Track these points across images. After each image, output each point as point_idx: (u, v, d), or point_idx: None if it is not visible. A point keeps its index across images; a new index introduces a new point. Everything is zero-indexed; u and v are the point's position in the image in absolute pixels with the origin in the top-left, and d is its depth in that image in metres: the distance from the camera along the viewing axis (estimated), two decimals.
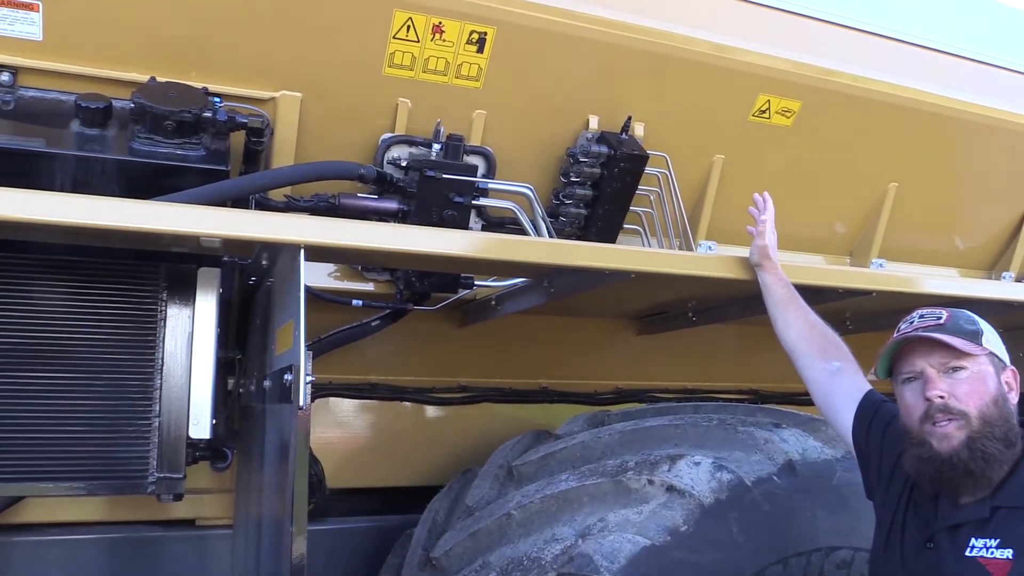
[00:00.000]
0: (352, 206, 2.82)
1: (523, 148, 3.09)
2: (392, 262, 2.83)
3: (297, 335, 1.98)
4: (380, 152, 2.86)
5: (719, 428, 2.76)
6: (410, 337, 3.32)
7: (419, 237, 2.25)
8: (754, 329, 3.37)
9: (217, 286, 2.55)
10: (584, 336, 3.65)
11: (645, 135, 3.16)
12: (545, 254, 2.40)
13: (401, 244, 2.20)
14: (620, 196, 3.13)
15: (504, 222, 3.11)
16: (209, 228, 2.05)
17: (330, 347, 3.08)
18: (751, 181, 3.37)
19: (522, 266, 2.52)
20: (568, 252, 2.42)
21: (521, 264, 2.43)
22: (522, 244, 2.48)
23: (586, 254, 2.42)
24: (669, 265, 2.52)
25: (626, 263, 2.44)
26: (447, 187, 2.82)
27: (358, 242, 2.15)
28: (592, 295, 2.67)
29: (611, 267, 2.42)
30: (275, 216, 2.27)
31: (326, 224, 2.19)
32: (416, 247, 2.21)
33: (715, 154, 3.36)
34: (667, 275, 2.52)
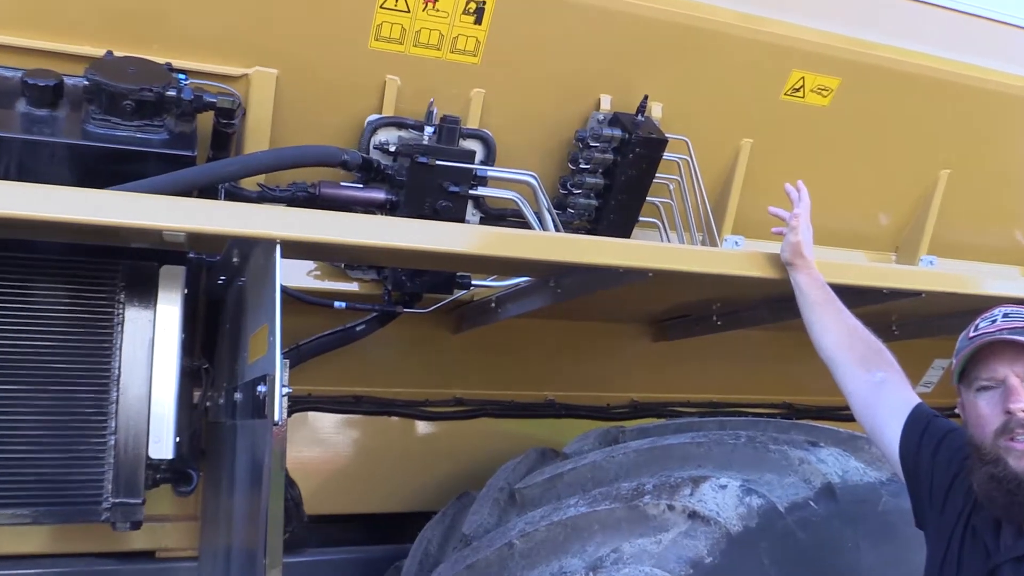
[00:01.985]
0: (334, 196, 2.81)
1: (526, 131, 3.08)
2: (379, 259, 2.82)
3: (272, 341, 1.98)
4: (366, 136, 2.86)
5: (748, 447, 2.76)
6: (399, 344, 3.32)
7: (409, 231, 2.25)
8: (787, 335, 3.36)
9: (182, 286, 2.54)
10: (595, 343, 3.66)
11: (663, 117, 3.15)
12: (551, 250, 2.40)
13: (389, 239, 2.19)
14: (635, 185, 3.13)
15: (505, 214, 3.11)
16: (173, 221, 2.04)
17: (309, 355, 3.09)
18: (783, 168, 3.37)
19: (525, 264, 2.51)
20: (577, 248, 2.42)
21: (524, 261, 2.43)
22: (525, 239, 2.47)
23: (597, 250, 2.42)
24: (691, 263, 2.51)
25: (642, 260, 2.43)
26: (441, 175, 2.82)
27: (341, 236, 2.14)
28: (604, 297, 2.66)
29: (625, 265, 2.41)
30: (247, 207, 2.26)
31: (305, 216, 2.18)
32: (406, 242, 2.21)
33: (742, 138, 3.36)
34: (689, 274, 2.51)
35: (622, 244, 2.56)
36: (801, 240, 2.52)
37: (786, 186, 2.60)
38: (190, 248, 2.51)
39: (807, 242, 2.53)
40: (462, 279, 3.05)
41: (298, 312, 2.89)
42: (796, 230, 2.53)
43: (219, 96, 2.58)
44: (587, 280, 2.59)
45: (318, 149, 2.74)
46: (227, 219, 2.08)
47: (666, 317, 3.64)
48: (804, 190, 2.59)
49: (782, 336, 3.54)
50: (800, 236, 2.52)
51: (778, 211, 2.59)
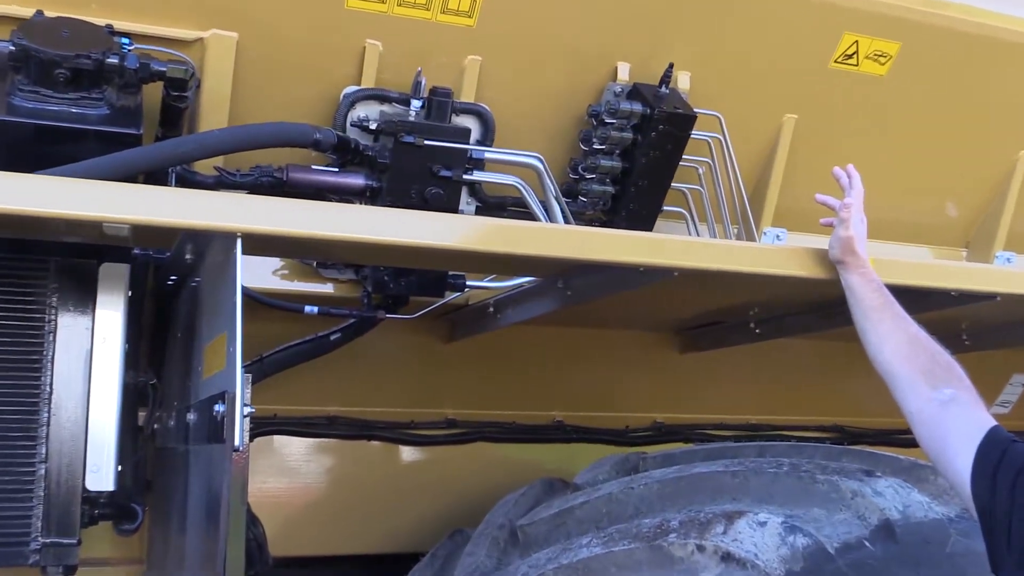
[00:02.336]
0: (305, 182, 2.82)
1: (530, 106, 3.08)
2: (358, 256, 2.82)
3: (232, 352, 1.97)
4: (342, 111, 2.86)
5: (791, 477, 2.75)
6: (381, 355, 3.33)
7: (393, 223, 2.25)
8: (837, 346, 3.35)
9: (125, 288, 2.54)
10: (611, 354, 3.66)
11: (692, 88, 3.15)
12: (559, 245, 2.40)
13: (369, 232, 2.19)
14: (659, 169, 3.12)
15: (505, 203, 3.11)
16: (115, 211, 2.02)
17: (276, 368, 3.09)
18: (832, 149, 3.36)
19: (529, 261, 2.51)
20: (590, 242, 2.42)
21: (528, 258, 2.42)
22: (529, 232, 2.47)
23: (614, 245, 2.41)
24: (724, 260, 2.51)
25: (667, 257, 2.43)
26: (430, 157, 2.82)
27: (312, 229, 2.14)
28: (622, 300, 2.66)
29: (647, 262, 2.41)
30: (203, 195, 2.25)
31: (270, 205, 2.18)
32: (389, 236, 2.20)
33: (784, 113, 3.36)
34: (722, 273, 2.51)
35: (643, 238, 2.56)
36: (853, 234, 2.51)
37: (835, 170, 2.60)
38: (135, 243, 2.50)
39: (860, 236, 2.52)
40: (455, 279, 3.05)
41: (262, 318, 2.88)
42: (847, 222, 2.51)
43: (169, 64, 2.58)
44: (602, 280, 2.58)
45: (286, 127, 2.73)
46: (178, 208, 2.07)
47: (695, 324, 3.63)
48: (856, 175, 2.58)
49: (832, 347, 3.54)
50: (852, 229, 2.51)
51: (826, 199, 2.58)
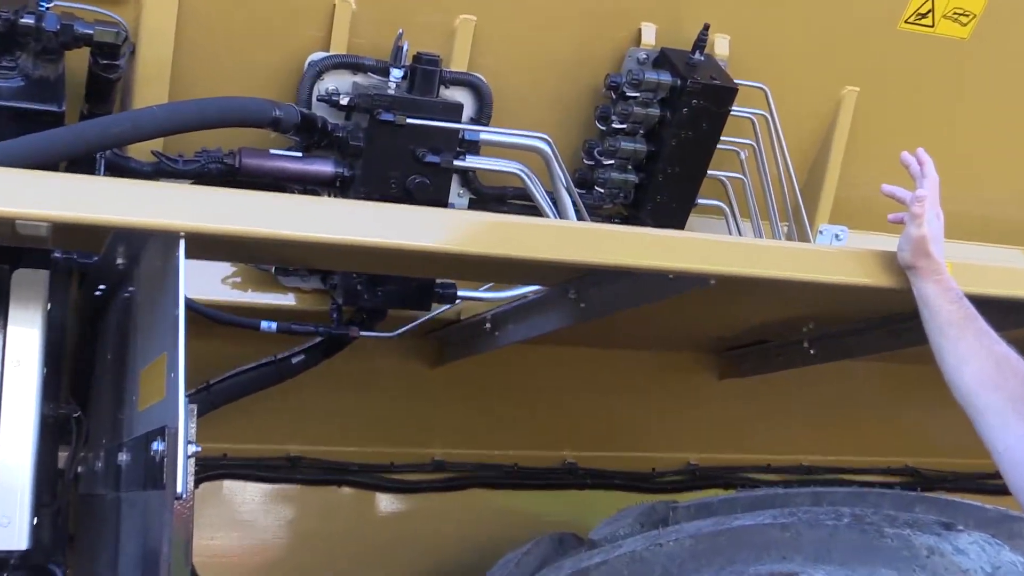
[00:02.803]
0: (262, 169, 2.83)
1: (536, 76, 3.10)
2: (325, 260, 2.82)
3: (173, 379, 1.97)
4: (306, 82, 2.87)
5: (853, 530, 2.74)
6: (354, 382, 3.33)
7: (368, 219, 2.24)
8: (909, 369, 3.35)
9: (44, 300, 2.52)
10: (633, 381, 3.67)
11: (732, 55, 3.17)
12: (570, 246, 2.39)
13: (339, 231, 2.19)
14: (692, 153, 3.14)
15: (505, 195, 3.12)
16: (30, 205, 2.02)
17: (226, 398, 3.10)
18: (901, 129, 3.39)
19: (533, 266, 2.51)
20: (608, 243, 2.41)
21: (532, 263, 2.42)
22: (533, 230, 2.46)
23: (637, 246, 2.41)
24: (771, 264, 2.51)
25: (702, 260, 2.43)
26: (414, 138, 2.83)
27: (270, 227, 2.13)
28: (647, 314, 2.66)
29: (678, 268, 2.41)
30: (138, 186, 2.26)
31: (220, 198, 2.17)
32: (363, 235, 2.20)
33: (844, 86, 3.37)
34: (769, 281, 2.51)
35: (673, 237, 2.56)
36: (927, 233, 2.50)
37: (903, 156, 2.60)
38: (55, 245, 2.49)
39: (935, 236, 2.52)
40: (444, 289, 3.06)
41: (210, 336, 2.89)
42: (920, 219, 2.51)
43: (97, 26, 2.58)
44: (623, 290, 2.58)
45: (238, 103, 2.74)
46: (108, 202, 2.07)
47: (736, 344, 3.64)
48: (929, 161, 2.58)
49: (902, 371, 3.55)
50: (925, 227, 2.50)
51: (895, 191, 2.58)
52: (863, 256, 2.59)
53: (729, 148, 3.24)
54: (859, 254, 2.60)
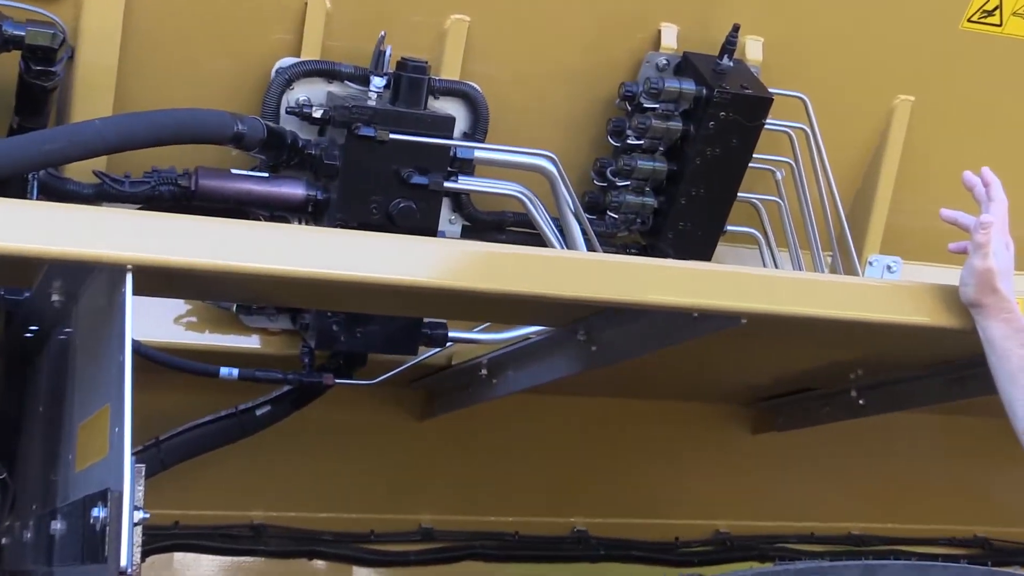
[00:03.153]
0: (222, 192, 2.83)
1: (538, 85, 3.11)
2: (296, 297, 2.82)
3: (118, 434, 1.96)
4: (274, 92, 2.88)
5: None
6: (329, 438, 3.34)
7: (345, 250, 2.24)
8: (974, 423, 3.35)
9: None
10: (653, 435, 3.67)
11: (766, 60, 3.18)
12: (579, 280, 2.39)
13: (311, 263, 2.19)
14: (720, 173, 3.15)
15: (504, 221, 3.13)
16: None
17: (179, 456, 3.10)
18: (963, 144, 3.39)
19: (537, 303, 2.50)
20: (623, 276, 2.41)
21: (535, 299, 2.42)
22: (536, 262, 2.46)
23: (657, 280, 2.41)
24: (813, 301, 2.51)
25: (732, 297, 2.43)
26: (398, 157, 2.84)
27: (232, 259, 2.13)
28: (668, 359, 2.66)
29: (704, 304, 2.41)
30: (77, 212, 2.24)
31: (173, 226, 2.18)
32: (339, 269, 2.20)
33: (896, 94, 3.39)
34: (810, 320, 2.51)
35: (698, 270, 2.55)
36: (993, 266, 2.49)
37: (966, 176, 2.59)
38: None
39: (1004, 269, 2.51)
40: (433, 330, 3.06)
41: (161, 385, 2.88)
42: (985, 249, 2.50)
43: (29, 27, 2.58)
44: (640, 331, 2.58)
45: (195, 115, 2.73)
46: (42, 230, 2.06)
47: (772, 393, 3.64)
48: (996, 182, 2.57)
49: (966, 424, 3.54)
50: (992, 260, 2.49)
51: (956, 216, 2.58)
52: (919, 291, 2.58)
53: (763, 167, 3.25)
54: (915, 289, 2.60)
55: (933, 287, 2.58)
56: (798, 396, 3.58)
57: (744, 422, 3.76)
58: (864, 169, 3.46)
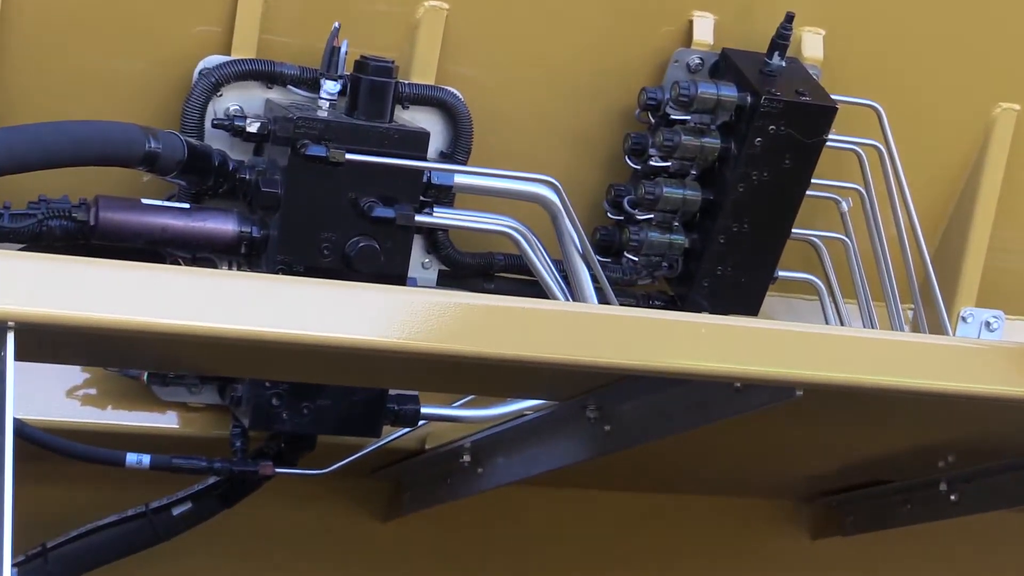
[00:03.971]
0: (128, 228, 2.82)
1: (534, 91, 3.13)
2: (223, 363, 2.81)
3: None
4: (196, 100, 2.89)
5: None
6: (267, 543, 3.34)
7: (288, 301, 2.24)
8: None
9: None
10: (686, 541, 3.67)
11: (827, 58, 3.20)
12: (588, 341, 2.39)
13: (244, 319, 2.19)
14: (770, 203, 3.15)
15: (492, 265, 3.14)
16: None
17: (72, 568, 3.07)
18: None
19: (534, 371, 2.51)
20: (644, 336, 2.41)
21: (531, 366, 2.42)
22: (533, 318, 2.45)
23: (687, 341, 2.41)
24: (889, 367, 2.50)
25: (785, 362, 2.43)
26: (356, 183, 2.84)
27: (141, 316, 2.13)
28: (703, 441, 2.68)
29: (749, 373, 2.41)
30: None
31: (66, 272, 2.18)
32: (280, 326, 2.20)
33: (997, 103, 3.41)
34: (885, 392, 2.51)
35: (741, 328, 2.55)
36: None
37: None
38: None
39: None
40: (401, 405, 3.05)
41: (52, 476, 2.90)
42: None
43: None
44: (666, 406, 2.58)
45: (95, 129, 2.74)
46: None
47: (838, 487, 3.64)
48: None
49: None
50: None
51: None
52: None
53: (825, 195, 3.26)
54: (1021, 352, 2.60)
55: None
56: (871, 490, 3.58)
57: (802, 523, 3.76)
58: (955, 198, 3.48)
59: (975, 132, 3.42)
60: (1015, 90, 3.40)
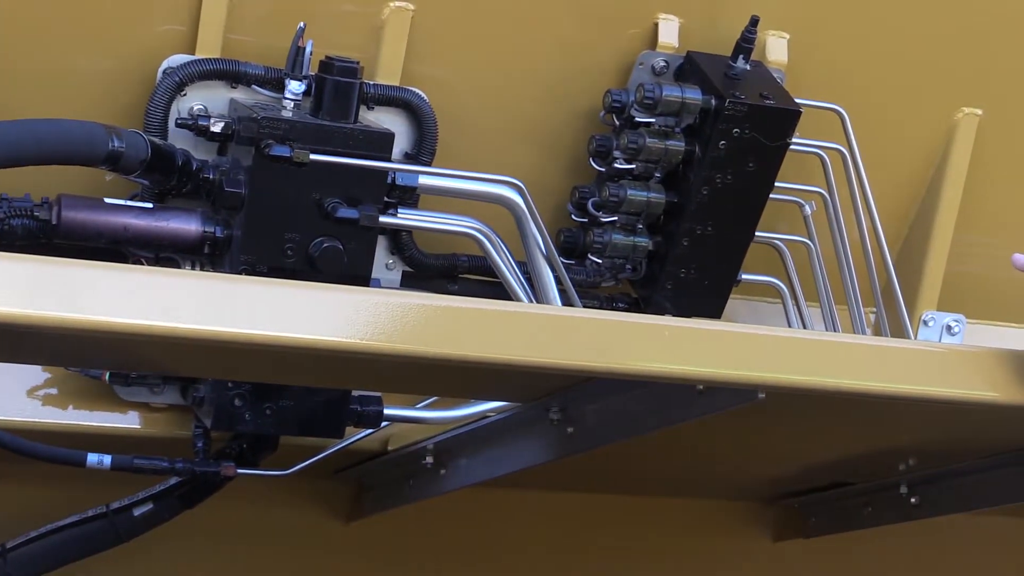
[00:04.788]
0: (91, 227, 2.81)
1: (500, 93, 3.13)
2: (184, 363, 2.80)
3: None
4: (160, 100, 2.87)
5: None
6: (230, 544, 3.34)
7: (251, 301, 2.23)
8: None
9: None
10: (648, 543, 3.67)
11: (792, 62, 3.20)
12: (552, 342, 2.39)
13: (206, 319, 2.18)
14: (734, 206, 3.16)
15: (456, 267, 3.14)
16: None
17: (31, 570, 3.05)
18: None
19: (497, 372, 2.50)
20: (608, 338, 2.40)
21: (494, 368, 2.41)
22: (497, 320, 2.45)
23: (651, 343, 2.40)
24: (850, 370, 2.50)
25: (748, 364, 2.43)
26: (320, 184, 2.84)
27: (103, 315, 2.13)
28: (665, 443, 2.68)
29: (711, 375, 2.41)
30: None
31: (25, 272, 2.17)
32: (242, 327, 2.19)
33: (959, 107, 3.42)
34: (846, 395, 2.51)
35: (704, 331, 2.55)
36: None
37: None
38: None
39: None
40: (364, 406, 3.04)
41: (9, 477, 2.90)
42: None
43: None
44: (630, 409, 2.58)
45: (57, 128, 2.72)
46: None
47: (799, 489, 3.65)
48: None
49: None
50: None
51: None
52: (989, 358, 2.57)
53: (788, 199, 3.26)
54: (983, 356, 2.58)
55: (1006, 353, 2.57)
56: (832, 492, 3.59)
57: (763, 525, 3.76)
58: (917, 202, 3.49)
59: (937, 136, 3.43)
60: (977, 95, 3.41)
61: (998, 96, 3.41)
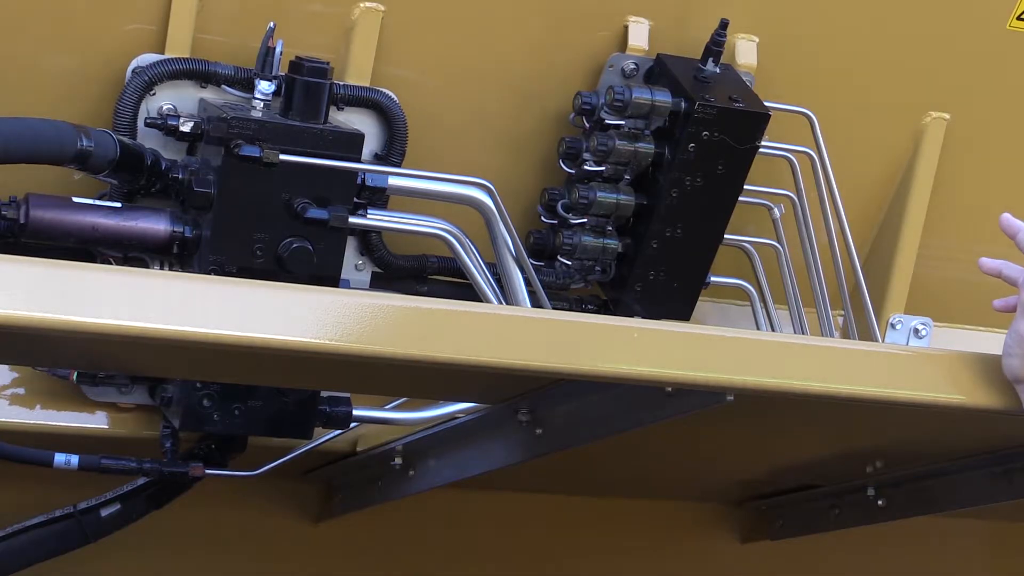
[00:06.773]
0: (59, 226, 2.80)
1: (470, 95, 3.12)
2: (152, 363, 2.80)
3: None
4: (129, 98, 2.86)
5: None
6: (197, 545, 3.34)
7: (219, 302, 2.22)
8: None
9: None
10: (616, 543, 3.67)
11: (761, 65, 3.20)
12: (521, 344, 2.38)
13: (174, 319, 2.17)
14: (702, 209, 3.15)
15: (425, 268, 3.13)
16: None
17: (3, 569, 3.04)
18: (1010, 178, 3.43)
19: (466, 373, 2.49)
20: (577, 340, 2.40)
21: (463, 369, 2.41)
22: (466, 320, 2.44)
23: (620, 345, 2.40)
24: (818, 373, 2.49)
25: (717, 367, 2.43)
26: (289, 184, 2.83)
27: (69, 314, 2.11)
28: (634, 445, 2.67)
29: (680, 377, 2.41)
30: None
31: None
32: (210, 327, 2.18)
33: (927, 111, 3.42)
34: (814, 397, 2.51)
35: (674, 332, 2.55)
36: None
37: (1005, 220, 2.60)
38: None
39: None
40: (333, 407, 3.05)
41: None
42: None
43: None
44: (598, 410, 2.58)
45: (25, 126, 2.71)
46: None
47: (767, 491, 3.66)
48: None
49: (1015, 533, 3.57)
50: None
51: (1000, 267, 2.58)
52: (955, 361, 2.57)
53: (757, 201, 3.27)
54: (949, 359, 2.58)
55: (972, 357, 2.57)
56: (800, 494, 3.60)
57: (731, 527, 3.77)
58: (885, 205, 3.49)
59: (906, 140, 3.44)
60: (945, 100, 3.42)
61: (966, 101, 3.41)
